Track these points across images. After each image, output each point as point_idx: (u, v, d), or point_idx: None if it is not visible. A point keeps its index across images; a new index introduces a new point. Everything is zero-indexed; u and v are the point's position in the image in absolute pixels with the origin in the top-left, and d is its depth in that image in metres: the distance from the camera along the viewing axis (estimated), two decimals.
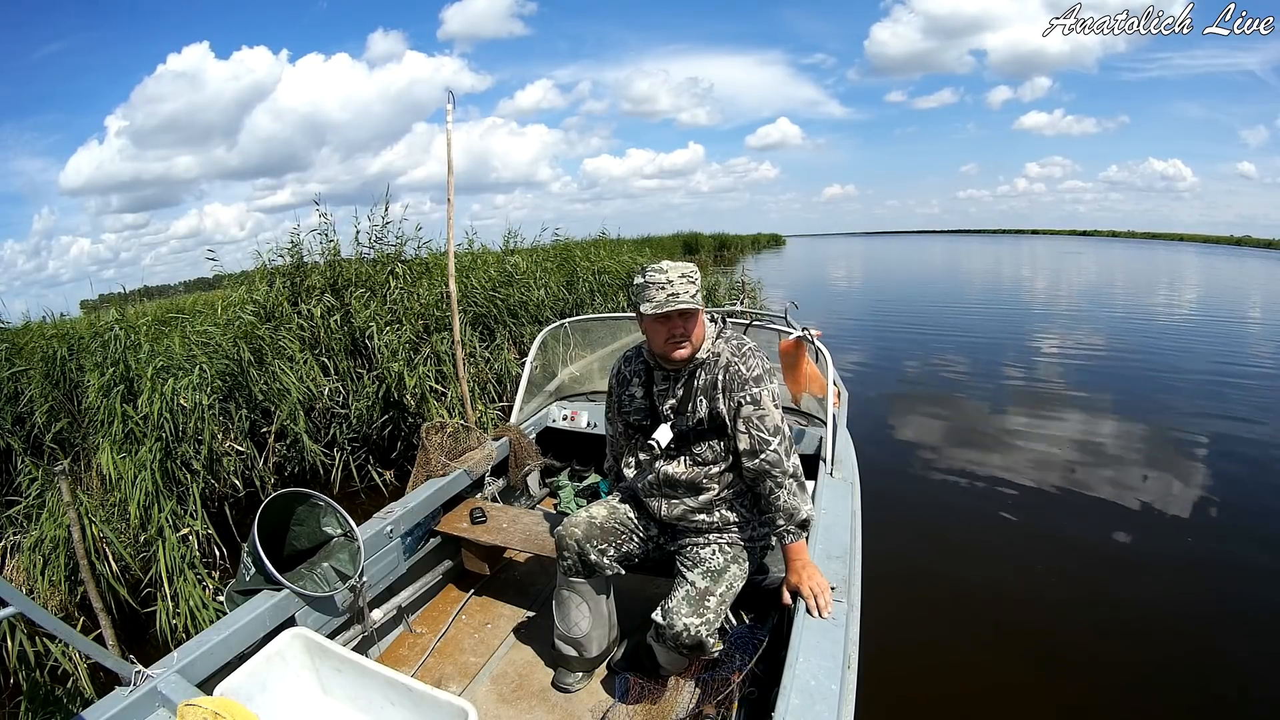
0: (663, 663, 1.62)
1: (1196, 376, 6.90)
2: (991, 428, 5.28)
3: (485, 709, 1.64)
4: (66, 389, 3.42)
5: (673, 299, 1.44)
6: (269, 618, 1.55)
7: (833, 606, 1.37)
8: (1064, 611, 2.73)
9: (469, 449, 2.38)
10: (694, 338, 1.51)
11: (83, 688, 2.41)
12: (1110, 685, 2.30)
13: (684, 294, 1.45)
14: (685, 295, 1.45)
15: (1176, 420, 5.34)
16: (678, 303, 1.44)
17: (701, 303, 1.51)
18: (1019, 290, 17.86)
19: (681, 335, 1.50)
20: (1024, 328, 10.67)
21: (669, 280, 1.46)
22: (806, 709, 1.10)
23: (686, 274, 1.48)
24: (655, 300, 1.45)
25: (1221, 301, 14.95)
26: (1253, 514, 3.63)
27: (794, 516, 1.46)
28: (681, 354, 1.52)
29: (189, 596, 2.71)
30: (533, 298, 6.24)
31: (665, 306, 1.44)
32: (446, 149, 2.54)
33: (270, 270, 4.90)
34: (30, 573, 2.79)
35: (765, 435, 1.48)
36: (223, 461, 3.54)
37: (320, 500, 1.83)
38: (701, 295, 1.50)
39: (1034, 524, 3.56)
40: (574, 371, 3.17)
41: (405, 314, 4.82)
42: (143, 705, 1.26)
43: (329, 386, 4.29)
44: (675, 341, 1.50)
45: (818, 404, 2.48)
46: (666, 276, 1.46)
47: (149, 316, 4.48)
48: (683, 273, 1.48)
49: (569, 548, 1.64)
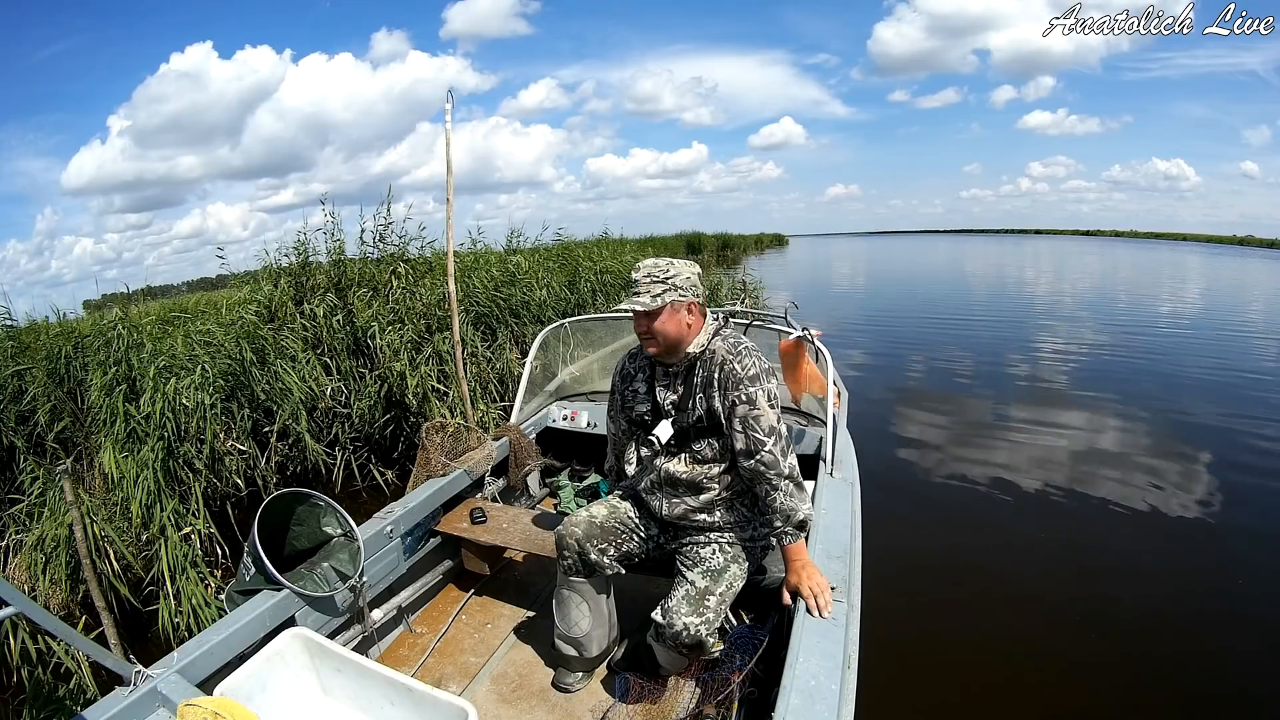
0: (663, 662, 1.62)
1: (1199, 376, 6.88)
2: (993, 427, 5.26)
3: (485, 709, 1.64)
4: (69, 388, 3.43)
5: (634, 299, 1.48)
6: (269, 618, 1.55)
7: (833, 606, 1.37)
8: (1065, 611, 2.72)
9: (469, 449, 2.38)
10: (659, 336, 1.51)
11: (85, 685, 2.41)
12: (1111, 685, 2.29)
13: (645, 293, 1.47)
14: (645, 295, 1.47)
15: (1178, 420, 5.31)
16: (635, 302, 1.48)
17: (684, 300, 1.48)
18: (1021, 289, 17.82)
19: (645, 333, 1.52)
20: (1026, 327, 10.63)
21: (636, 280, 1.50)
22: (806, 709, 1.10)
23: (653, 273, 1.49)
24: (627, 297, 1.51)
25: (1225, 301, 14.90)
26: (1257, 514, 3.61)
27: (791, 517, 1.46)
28: (650, 350, 1.55)
29: (191, 595, 2.73)
30: (535, 298, 6.24)
31: (620, 306, 1.52)
32: (445, 148, 2.54)
33: (276, 270, 4.92)
34: (32, 571, 2.80)
35: (760, 436, 1.47)
36: (225, 461, 3.54)
37: (320, 500, 1.83)
38: (679, 293, 1.47)
39: (1035, 524, 3.56)
40: (574, 371, 3.17)
41: (407, 314, 4.82)
42: (143, 705, 1.26)
43: (331, 386, 4.30)
44: (642, 338, 1.55)
45: (818, 404, 2.48)
46: (637, 275, 1.50)
47: (152, 316, 4.50)
48: (649, 271, 1.49)
49: (569, 547, 1.64)
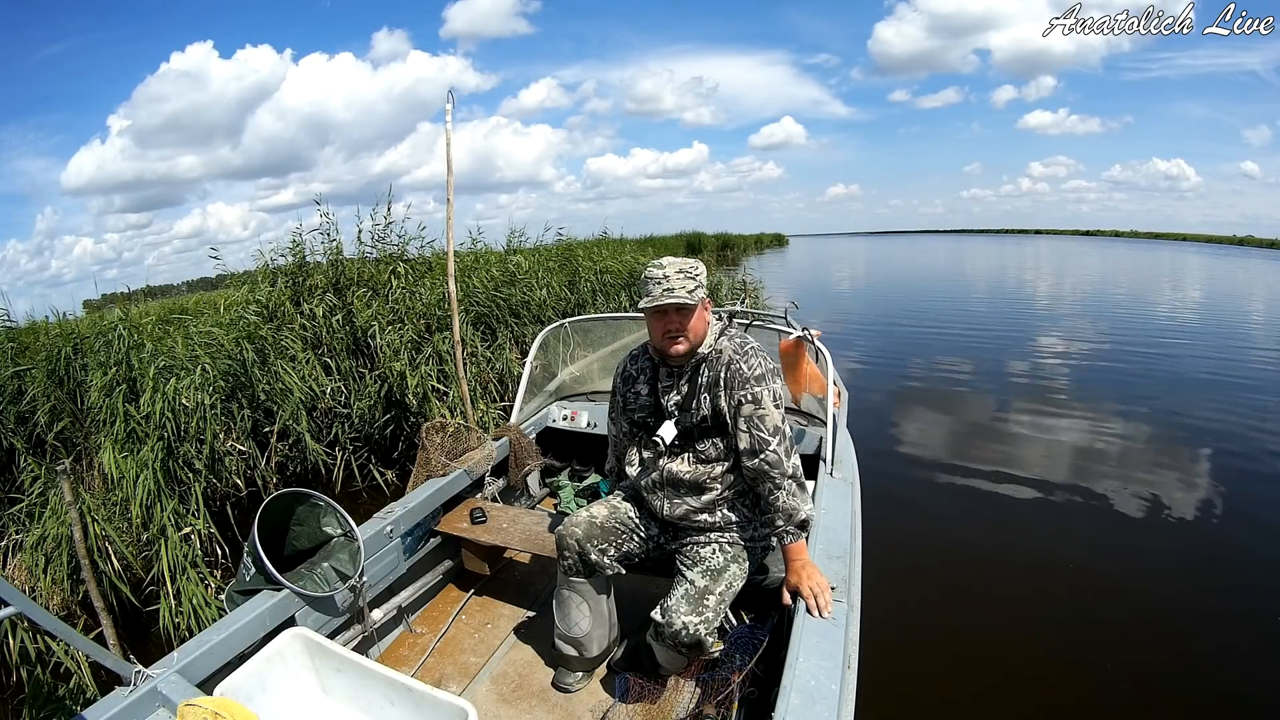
0: (662, 662, 1.62)
1: (1199, 377, 6.88)
2: (993, 427, 5.26)
3: (485, 709, 1.64)
4: (69, 388, 3.43)
5: (667, 294, 1.46)
6: (269, 618, 1.55)
7: (833, 606, 1.37)
8: (1065, 611, 2.72)
9: (469, 449, 2.38)
10: (691, 333, 1.51)
11: (85, 685, 2.41)
12: (1111, 685, 2.29)
13: (679, 289, 1.46)
14: (681, 290, 1.46)
15: (1179, 420, 5.31)
16: (671, 297, 1.46)
17: (703, 298, 1.51)
18: (1021, 289, 17.82)
19: (677, 330, 1.50)
20: (1027, 327, 10.64)
21: (665, 275, 1.48)
22: (806, 709, 1.10)
23: (685, 269, 1.49)
24: (652, 295, 1.48)
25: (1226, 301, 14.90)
26: (1257, 513, 3.61)
27: (793, 517, 1.46)
28: (678, 349, 1.52)
29: (192, 595, 2.73)
30: (535, 298, 6.24)
31: (659, 301, 1.46)
32: (446, 148, 2.55)
33: (273, 270, 4.91)
34: (32, 571, 2.80)
35: (765, 435, 1.48)
36: (225, 461, 3.54)
37: (320, 500, 1.83)
38: (704, 290, 1.51)
39: (1035, 524, 3.56)
40: (574, 371, 3.17)
41: (407, 313, 4.82)
42: (143, 705, 1.26)
43: (331, 386, 4.30)
44: (671, 336, 1.52)
45: (818, 404, 2.48)
46: (664, 272, 1.48)
47: (152, 316, 4.49)
48: (680, 268, 1.49)
49: (569, 547, 1.64)
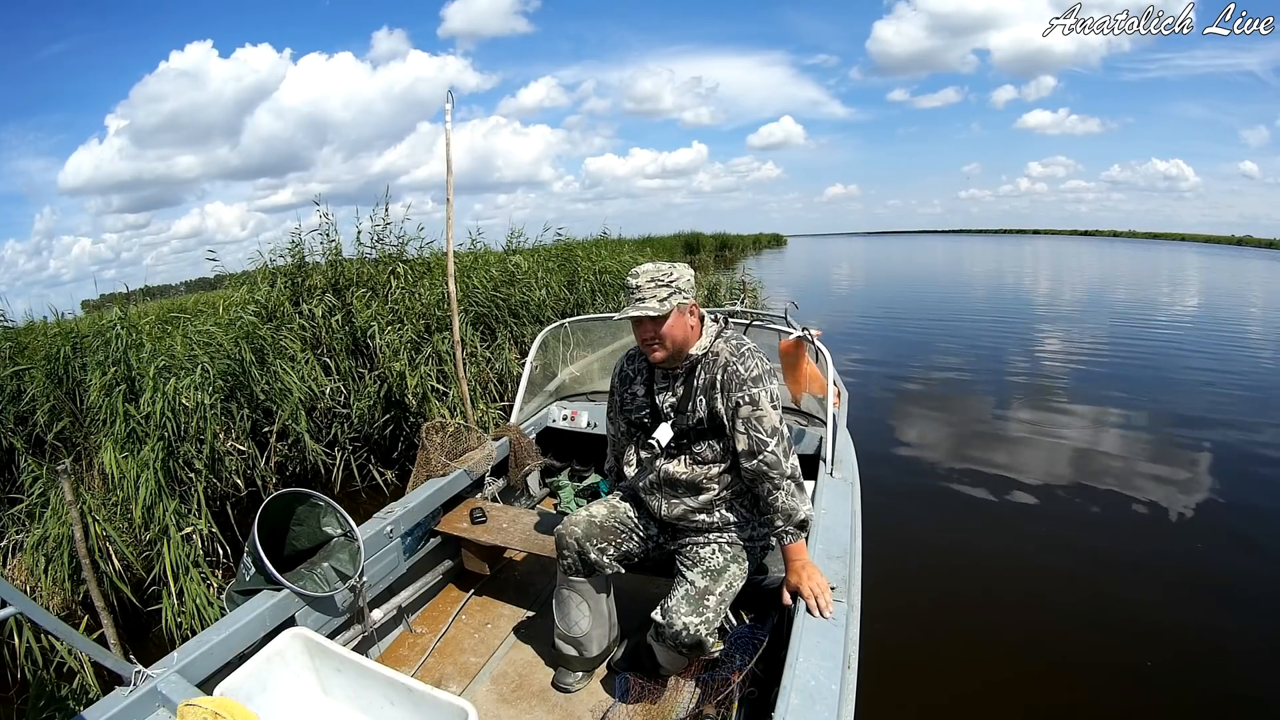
0: (663, 662, 1.62)
1: (1199, 376, 6.87)
2: (993, 428, 5.27)
3: (485, 709, 1.64)
4: (69, 388, 3.43)
5: (638, 304, 1.46)
6: (269, 618, 1.56)
7: (833, 607, 1.37)
8: (1064, 612, 2.72)
9: (469, 449, 2.38)
10: (668, 340, 1.49)
11: (88, 685, 2.41)
12: (1110, 686, 2.29)
13: (650, 299, 1.45)
14: (651, 300, 1.45)
15: (1179, 420, 5.31)
16: (641, 308, 1.45)
17: (683, 302, 1.47)
18: (1020, 289, 17.83)
19: (652, 338, 1.50)
20: (1025, 327, 10.63)
21: (638, 285, 1.47)
22: (806, 709, 1.10)
23: (658, 278, 1.46)
24: (628, 304, 1.48)
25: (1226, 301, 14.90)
26: (1257, 513, 3.61)
27: (792, 517, 1.46)
28: (656, 356, 1.52)
29: (194, 595, 2.73)
30: (534, 297, 6.25)
31: (628, 313, 1.47)
32: (445, 148, 2.55)
33: (272, 270, 4.91)
34: (33, 571, 2.80)
35: (763, 436, 1.48)
36: (225, 461, 3.55)
37: (320, 500, 1.84)
38: (683, 295, 1.47)
39: (1035, 524, 3.56)
40: (574, 371, 3.17)
41: (407, 314, 4.82)
42: (143, 705, 1.26)
43: (330, 386, 4.30)
44: (648, 344, 1.51)
45: (818, 404, 2.48)
46: (636, 281, 1.47)
47: (151, 316, 4.49)
48: (653, 276, 1.47)
49: (569, 547, 1.64)
